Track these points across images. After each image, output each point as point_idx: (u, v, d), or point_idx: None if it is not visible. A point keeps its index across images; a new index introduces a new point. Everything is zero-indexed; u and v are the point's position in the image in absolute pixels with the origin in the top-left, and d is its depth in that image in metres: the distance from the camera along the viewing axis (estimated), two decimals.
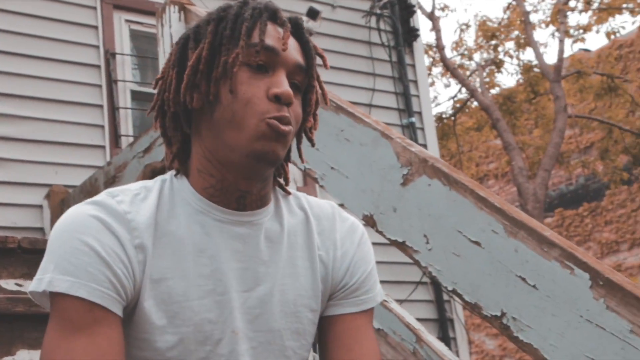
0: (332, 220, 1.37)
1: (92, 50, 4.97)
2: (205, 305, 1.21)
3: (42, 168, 4.51)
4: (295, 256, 1.31)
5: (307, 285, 1.31)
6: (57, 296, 1.13)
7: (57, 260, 1.13)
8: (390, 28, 6.66)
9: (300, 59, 1.27)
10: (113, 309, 1.14)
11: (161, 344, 1.19)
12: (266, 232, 1.28)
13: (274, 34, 1.25)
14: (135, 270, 1.17)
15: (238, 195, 1.25)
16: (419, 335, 1.79)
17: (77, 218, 1.16)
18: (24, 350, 1.86)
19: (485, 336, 15.84)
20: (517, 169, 9.77)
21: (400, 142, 1.80)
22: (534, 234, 1.47)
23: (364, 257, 1.37)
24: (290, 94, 1.21)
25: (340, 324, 1.32)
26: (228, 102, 1.21)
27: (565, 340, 1.40)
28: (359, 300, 1.34)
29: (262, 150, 1.19)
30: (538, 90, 11.98)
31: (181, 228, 1.22)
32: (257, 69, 1.22)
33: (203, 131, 1.25)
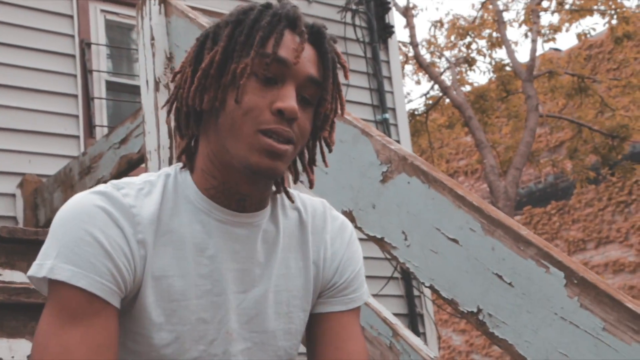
0: (323, 220, 1.38)
1: (67, 40, 4.93)
2: (201, 305, 1.22)
3: (15, 157, 4.48)
4: (289, 257, 1.32)
5: (299, 285, 1.33)
6: (57, 284, 1.12)
7: (60, 248, 1.13)
8: (366, 24, 6.69)
9: (313, 71, 1.23)
10: (112, 301, 1.14)
11: (157, 341, 1.20)
12: (263, 233, 1.29)
13: (290, 44, 1.21)
14: (137, 264, 1.18)
15: (238, 198, 1.25)
16: (395, 329, 1.82)
17: (84, 207, 1.16)
18: (3, 338, 1.86)
19: (453, 332, 15.99)
20: (488, 167, 9.87)
21: (380, 139, 1.83)
22: (511, 232, 1.51)
23: (353, 257, 1.39)
24: (294, 110, 1.18)
25: (328, 322, 1.34)
26: (231, 109, 1.19)
27: (540, 337, 1.44)
28: (347, 299, 1.36)
29: (258, 167, 1.18)
30: (510, 89, 12.10)
31: (183, 226, 1.22)
32: (266, 80, 1.19)
33: (210, 133, 1.25)
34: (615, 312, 1.32)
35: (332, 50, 1.27)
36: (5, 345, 1.87)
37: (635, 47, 13.69)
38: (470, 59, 12.77)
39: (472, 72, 18.02)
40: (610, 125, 11.33)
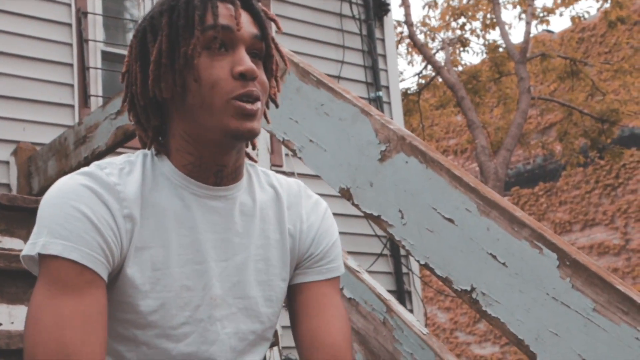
0: (298, 197, 1.45)
1: (64, 8, 4.91)
2: (184, 273, 1.29)
3: (10, 124, 4.48)
4: (267, 229, 1.39)
5: (277, 255, 1.39)
6: (49, 259, 1.17)
7: (51, 225, 1.18)
8: (362, 1, 6.68)
9: (255, 30, 1.31)
10: (101, 273, 1.20)
11: (144, 308, 1.25)
12: (240, 205, 1.35)
13: (226, 13, 1.29)
14: (123, 238, 1.24)
15: (216, 170, 1.32)
16: (389, 305, 1.86)
17: (70, 187, 1.22)
18: (3, 304, 1.89)
19: (438, 309, 16.11)
20: (479, 147, 9.91)
21: (379, 119, 1.86)
22: (506, 213, 1.54)
23: (328, 230, 1.46)
24: (253, 69, 1.26)
25: (307, 291, 1.41)
26: (195, 88, 1.26)
27: (531, 316, 1.48)
28: (324, 269, 1.43)
29: (238, 130, 1.25)
30: (502, 70, 12.11)
31: (163, 201, 1.29)
32: (219, 50, 1.26)
33: (176, 117, 1.31)
34: (605, 293, 1.36)
35: (259, 7, 1.36)
36: (5, 311, 1.90)
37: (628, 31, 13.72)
38: (464, 40, 12.76)
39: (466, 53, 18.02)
40: (600, 109, 11.37)
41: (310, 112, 2.04)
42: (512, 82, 12.30)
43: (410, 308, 6.12)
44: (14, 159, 4.17)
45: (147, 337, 1.27)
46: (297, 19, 6.15)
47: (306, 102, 2.05)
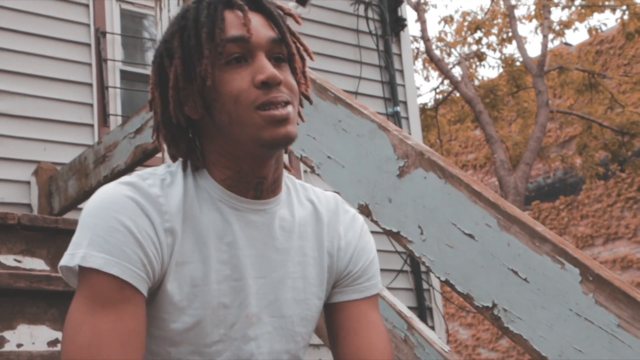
0: (336, 213, 1.42)
1: (83, 29, 4.95)
2: (222, 289, 1.25)
3: (31, 144, 4.51)
4: (305, 245, 1.36)
5: (315, 274, 1.36)
6: (88, 272, 1.15)
7: (92, 237, 1.16)
8: (378, 17, 6.69)
9: (271, 32, 1.27)
10: (141, 289, 1.17)
11: (180, 325, 1.23)
12: (280, 220, 1.32)
13: (237, 22, 1.25)
14: (164, 253, 1.21)
15: (256, 183, 1.29)
16: (410, 323, 1.84)
17: (113, 197, 1.19)
18: (24, 325, 1.90)
19: (459, 326, 16.00)
20: (498, 162, 9.86)
21: (397, 134, 1.85)
22: (527, 228, 1.53)
23: (366, 247, 1.43)
24: (275, 75, 1.21)
25: (346, 310, 1.38)
26: (220, 105, 1.23)
27: (555, 333, 1.46)
28: (362, 287, 1.40)
29: (273, 138, 1.22)
30: (520, 84, 12.07)
31: (203, 215, 1.26)
32: (236, 62, 1.23)
33: (209, 133, 1.28)
34: (630, 308, 1.34)
35: (274, 6, 1.32)
36: (26, 332, 1.90)
37: None
38: (480, 54, 12.74)
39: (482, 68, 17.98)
40: (620, 122, 11.30)
41: (328, 128, 2.03)
42: (530, 96, 12.25)
43: (432, 325, 6.07)
44: (35, 179, 4.20)
45: (180, 354, 1.25)
46: (314, 36, 6.16)
47: (324, 119, 2.04)
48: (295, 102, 1.28)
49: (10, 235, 2.17)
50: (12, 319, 1.88)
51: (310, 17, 6.14)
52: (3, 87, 4.52)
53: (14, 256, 2.17)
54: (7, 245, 2.15)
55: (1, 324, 1.86)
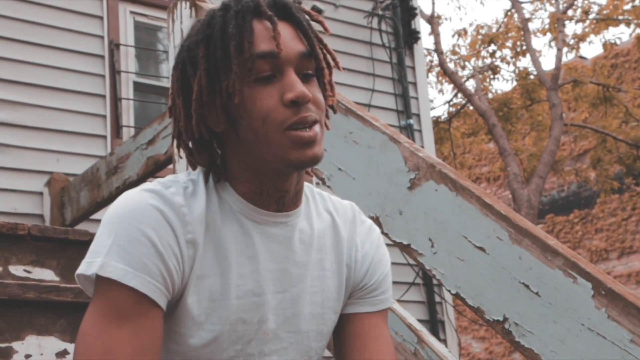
0: (353, 223, 1.39)
1: (97, 41, 4.98)
2: (242, 305, 1.22)
3: (44, 155, 4.53)
4: (324, 258, 1.33)
5: (333, 287, 1.33)
6: (106, 282, 1.11)
7: (112, 246, 1.12)
8: (392, 29, 6.69)
9: (301, 45, 1.21)
10: (160, 302, 1.13)
11: (196, 340, 1.20)
12: (299, 233, 1.29)
13: (266, 34, 1.18)
14: (186, 265, 1.17)
15: (278, 197, 1.25)
16: (420, 336, 1.83)
17: (137, 205, 1.15)
18: (32, 335, 1.89)
19: (472, 339, 15.91)
20: (512, 175, 9.82)
21: (408, 146, 1.84)
22: (539, 242, 1.51)
23: (382, 259, 1.41)
24: (304, 94, 1.16)
25: (357, 322, 1.36)
26: (247, 122, 1.18)
27: (566, 347, 1.44)
28: (376, 300, 1.38)
29: (299, 160, 1.17)
30: (534, 97, 12.04)
31: (224, 227, 1.22)
32: (265, 79, 1.18)
33: (232, 146, 1.24)
34: None
35: (303, 15, 1.25)
36: (35, 343, 1.90)
37: None
38: (494, 67, 12.73)
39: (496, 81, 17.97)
40: (634, 135, 11.24)
41: (339, 140, 2.02)
42: (544, 109, 12.21)
43: (444, 338, 6.04)
44: (47, 189, 4.22)
45: None
46: None
47: (335, 130, 2.04)
48: (323, 118, 1.23)
49: (21, 245, 2.17)
50: (20, 330, 1.88)
51: (322, 29, 6.14)
52: (17, 98, 4.55)
53: (24, 267, 2.17)
54: (17, 255, 2.15)
55: (10, 335, 1.86)
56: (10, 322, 1.88)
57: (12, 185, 4.37)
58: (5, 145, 4.44)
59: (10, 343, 1.86)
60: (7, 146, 4.44)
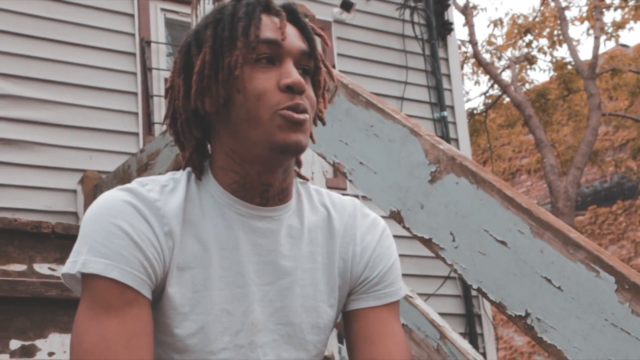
0: (353, 217, 1.39)
1: (128, 38, 5.02)
2: (224, 296, 1.24)
3: (77, 153, 4.58)
4: (315, 252, 1.33)
5: (324, 280, 1.33)
6: (89, 277, 1.15)
7: (91, 243, 1.16)
8: (424, 21, 6.63)
9: (302, 44, 1.28)
10: (143, 291, 1.17)
11: (182, 330, 1.22)
12: (288, 228, 1.31)
13: (272, 26, 1.26)
14: (165, 255, 1.21)
15: (262, 190, 1.28)
16: (443, 332, 1.80)
17: (110, 203, 1.19)
18: (56, 333, 1.90)
19: (514, 332, 15.76)
20: (548, 167, 9.69)
21: (429, 139, 1.81)
22: (560, 235, 1.47)
23: (385, 252, 1.38)
24: (301, 82, 1.23)
25: (363, 319, 1.34)
26: (241, 101, 1.23)
27: (590, 343, 1.40)
28: (380, 294, 1.36)
29: (284, 142, 1.22)
30: (571, 87, 11.86)
31: (206, 220, 1.25)
32: (265, 63, 1.24)
33: (222, 132, 1.28)
34: None
35: (308, 23, 1.33)
36: (58, 340, 1.91)
37: None
38: (530, 57, 12.56)
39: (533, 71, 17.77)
40: None
41: (360, 133, 2.00)
42: (582, 99, 12.03)
43: (481, 332, 5.98)
44: (80, 187, 4.25)
45: None
46: (359, 41, 6.14)
47: (356, 124, 2.01)
48: (312, 115, 1.29)
49: (45, 244, 2.19)
50: (44, 328, 1.89)
51: (355, 22, 6.12)
52: (50, 97, 4.60)
53: (49, 265, 2.19)
54: (42, 254, 2.17)
55: (33, 333, 1.87)
56: (34, 320, 1.89)
57: (46, 184, 4.42)
58: (39, 143, 4.49)
59: (34, 341, 1.88)
60: (41, 145, 4.49)
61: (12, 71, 4.53)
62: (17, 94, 4.50)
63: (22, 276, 2.09)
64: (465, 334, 5.87)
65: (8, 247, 2.11)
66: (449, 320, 5.85)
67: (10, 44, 4.57)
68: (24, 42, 4.62)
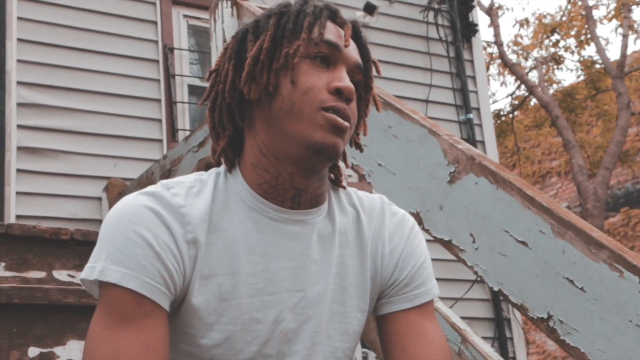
0: (381, 216, 1.34)
1: (151, 45, 5.03)
2: (254, 304, 1.20)
3: (102, 161, 4.59)
4: (346, 255, 1.28)
5: (355, 284, 1.29)
6: (107, 286, 1.12)
7: (110, 250, 1.12)
8: (448, 23, 6.59)
9: (359, 59, 1.28)
10: (161, 303, 1.13)
11: (207, 341, 1.18)
12: (319, 231, 1.26)
13: (335, 32, 1.25)
14: (186, 265, 1.16)
15: (293, 194, 1.23)
16: (464, 335, 1.76)
17: (132, 208, 1.15)
18: (74, 340, 1.90)
19: (547, 337, 15.60)
20: (577, 167, 9.56)
21: (448, 139, 1.78)
22: (582, 234, 1.43)
23: (414, 251, 1.33)
24: (352, 89, 1.21)
25: (395, 322, 1.30)
26: (287, 92, 1.20)
27: (614, 345, 1.36)
28: (411, 295, 1.31)
29: (322, 142, 1.18)
30: (599, 86, 11.71)
31: (234, 224, 1.21)
32: (320, 62, 1.23)
33: (258, 124, 1.24)
34: None
35: (366, 41, 1.34)
36: (77, 347, 1.90)
37: None
38: (557, 57, 12.43)
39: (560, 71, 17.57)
40: None
41: (378, 135, 1.97)
42: (611, 98, 11.88)
43: (510, 336, 5.91)
44: (105, 194, 4.27)
45: None
46: (383, 44, 6.10)
47: (374, 125, 1.98)
48: (353, 128, 1.26)
49: (64, 250, 2.19)
50: (62, 335, 1.88)
51: (378, 25, 6.09)
52: (75, 105, 4.62)
53: (68, 271, 2.18)
54: (61, 260, 2.17)
55: (51, 339, 1.87)
56: (52, 327, 1.89)
57: (72, 191, 4.44)
58: (64, 152, 4.51)
59: (52, 348, 1.87)
60: (66, 153, 4.51)
61: (36, 80, 4.56)
62: (41, 103, 4.53)
63: (41, 283, 2.09)
64: (495, 339, 5.80)
65: (27, 255, 2.11)
66: (478, 324, 5.79)
67: (34, 53, 4.60)
68: (48, 50, 4.65)
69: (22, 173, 4.35)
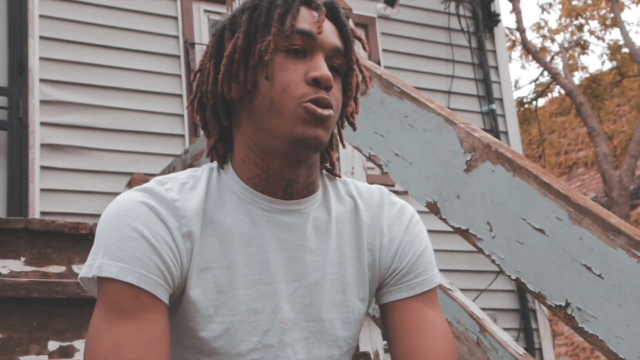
0: (380, 206, 1.34)
1: (172, 41, 5.05)
2: (251, 295, 1.21)
3: (124, 157, 4.63)
4: (344, 244, 1.29)
5: (354, 273, 1.29)
6: (105, 281, 1.12)
7: (106, 246, 1.13)
8: (470, 13, 6.54)
9: (338, 42, 1.25)
10: (160, 296, 1.14)
11: (207, 333, 1.19)
12: (314, 220, 1.27)
13: (309, 18, 1.24)
14: (183, 258, 1.17)
15: (284, 185, 1.24)
16: (482, 325, 1.75)
17: (126, 204, 1.16)
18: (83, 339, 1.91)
19: (565, 324, 15.47)
20: (601, 156, 9.46)
21: (464, 127, 1.76)
22: (600, 221, 1.41)
23: (414, 240, 1.34)
24: (329, 77, 1.19)
25: (397, 311, 1.30)
26: (266, 89, 1.20)
27: (632, 332, 1.34)
28: (412, 283, 1.31)
29: (304, 136, 1.18)
30: (625, 72, 11.56)
31: (228, 217, 1.22)
32: (295, 54, 1.21)
33: (243, 121, 1.25)
34: None
35: (347, 23, 1.30)
36: None
37: None
38: (582, 42, 12.29)
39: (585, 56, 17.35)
40: None
41: (395, 124, 1.96)
42: (635, 82, 11.73)
43: (536, 327, 5.87)
44: (128, 190, 4.29)
45: None
46: (405, 36, 6.08)
47: (390, 115, 1.97)
48: (336, 115, 1.25)
49: (83, 244, 2.20)
50: (81, 328, 1.89)
51: (399, 17, 6.06)
52: (97, 101, 4.66)
53: None
54: (80, 254, 2.18)
55: (70, 333, 1.88)
56: (71, 320, 1.90)
57: (95, 187, 4.48)
58: (87, 148, 4.55)
59: (72, 342, 1.88)
60: (89, 149, 4.55)
61: (58, 77, 4.60)
62: (63, 100, 4.57)
63: (61, 277, 2.10)
64: (520, 329, 5.77)
65: (47, 249, 2.13)
66: (503, 316, 5.76)
67: (56, 50, 4.64)
68: (70, 48, 4.69)
69: (45, 170, 4.39)
